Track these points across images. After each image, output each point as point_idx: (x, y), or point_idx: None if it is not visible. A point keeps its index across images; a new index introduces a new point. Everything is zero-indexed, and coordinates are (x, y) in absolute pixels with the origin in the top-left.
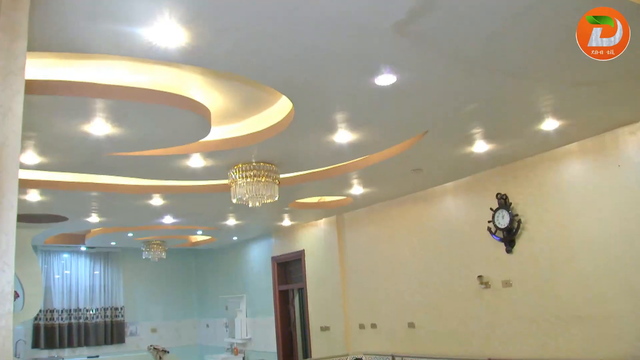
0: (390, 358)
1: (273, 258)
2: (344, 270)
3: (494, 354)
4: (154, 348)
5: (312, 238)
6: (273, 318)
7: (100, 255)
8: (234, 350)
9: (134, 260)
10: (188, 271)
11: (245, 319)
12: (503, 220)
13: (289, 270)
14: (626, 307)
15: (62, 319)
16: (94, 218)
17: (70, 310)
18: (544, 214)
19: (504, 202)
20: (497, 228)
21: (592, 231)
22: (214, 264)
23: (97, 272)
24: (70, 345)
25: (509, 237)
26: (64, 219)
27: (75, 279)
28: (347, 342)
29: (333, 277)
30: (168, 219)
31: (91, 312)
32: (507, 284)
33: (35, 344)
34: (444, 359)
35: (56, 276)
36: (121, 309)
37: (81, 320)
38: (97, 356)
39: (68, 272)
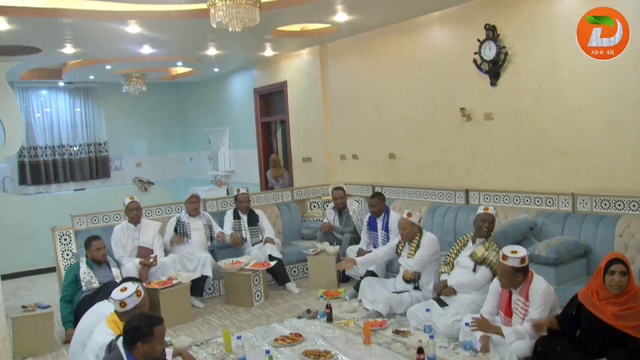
0: (371, 188)
1: (255, 90)
2: (327, 102)
3: (472, 186)
4: (139, 180)
5: (294, 69)
6: (256, 150)
7: (80, 91)
8: (217, 183)
9: (115, 95)
10: (170, 105)
11: (228, 152)
12: (490, 52)
13: (271, 102)
14: (605, 142)
15: (46, 155)
16: (68, 49)
17: (53, 147)
18: (532, 47)
19: (492, 33)
20: (483, 60)
21: (579, 67)
22: (196, 97)
23: (78, 110)
24: (56, 180)
25: (494, 69)
26: (37, 50)
27: (56, 116)
28: (328, 172)
29: (315, 109)
30: (146, 49)
31: (75, 148)
32: (489, 117)
33: (22, 181)
34: (424, 189)
35: (37, 114)
36: (105, 144)
37: (65, 156)
38: (84, 189)
39: (48, 109)
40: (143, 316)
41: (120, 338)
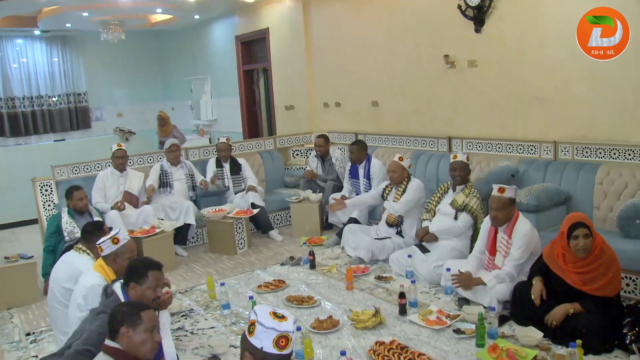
0: (354, 135)
1: (237, 37)
2: (309, 50)
3: (455, 133)
4: (120, 130)
5: (276, 16)
6: (238, 98)
7: (57, 39)
8: (200, 132)
9: (93, 44)
10: (151, 54)
11: (210, 100)
12: None
13: (253, 50)
14: (587, 91)
15: (24, 106)
16: None
17: (31, 98)
18: None
19: None
20: (467, 6)
21: (564, 15)
22: (177, 46)
23: (55, 59)
24: (36, 132)
25: (479, 15)
26: None
27: (33, 66)
28: (311, 120)
29: (298, 56)
30: None
31: (54, 98)
32: (472, 64)
33: (1, 132)
34: (406, 137)
35: (13, 65)
36: (84, 94)
37: (44, 107)
38: (64, 140)
39: (25, 60)
40: (144, 259)
41: (117, 283)
